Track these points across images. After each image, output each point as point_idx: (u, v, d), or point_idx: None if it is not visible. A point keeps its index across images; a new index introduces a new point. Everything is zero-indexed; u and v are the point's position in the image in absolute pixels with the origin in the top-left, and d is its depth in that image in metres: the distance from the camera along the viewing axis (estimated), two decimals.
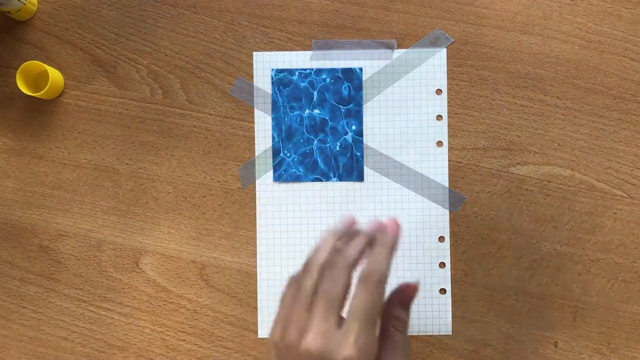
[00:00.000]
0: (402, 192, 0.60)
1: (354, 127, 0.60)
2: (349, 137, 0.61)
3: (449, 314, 0.60)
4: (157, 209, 0.61)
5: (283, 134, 0.60)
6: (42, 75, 0.61)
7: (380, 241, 0.46)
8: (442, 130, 0.60)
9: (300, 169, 0.60)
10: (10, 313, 0.60)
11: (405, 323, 0.47)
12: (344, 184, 0.60)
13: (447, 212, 0.60)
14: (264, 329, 0.60)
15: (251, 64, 0.61)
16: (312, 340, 0.43)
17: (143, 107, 0.61)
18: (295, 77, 0.61)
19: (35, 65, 0.58)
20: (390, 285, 0.45)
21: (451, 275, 0.60)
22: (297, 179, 0.60)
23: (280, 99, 0.61)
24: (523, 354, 0.59)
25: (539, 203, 0.60)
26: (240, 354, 0.60)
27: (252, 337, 0.60)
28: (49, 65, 0.59)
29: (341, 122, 0.60)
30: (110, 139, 0.61)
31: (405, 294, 0.47)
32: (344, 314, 0.44)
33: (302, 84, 0.61)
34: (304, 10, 0.61)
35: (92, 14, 0.61)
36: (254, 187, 0.60)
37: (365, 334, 0.43)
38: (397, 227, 0.47)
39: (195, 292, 0.60)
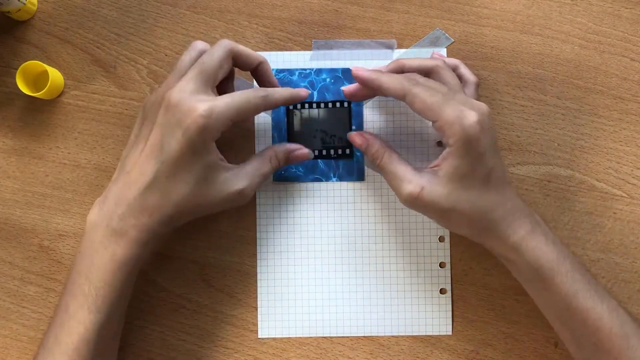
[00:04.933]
0: None
1: (354, 127, 0.60)
2: None
3: (449, 314, 0.60)
4: None
5: (283, 134, 0.60)
6: (42, 75, 0.61)
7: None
8: None
9: (300, 169, 0.60)
10: (10, 313, 0.60)
11: None
12: (344, 184, 0.60)
13: None
14: (264, 329, 0.60)
15: None
16: (173, 91, 0.47)
17: None
18: (295, 77, 0.61)
19: (35, 65, 0.58)
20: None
21: (451, 275, 0.60)
22: (297, 179, 0.60)
23: None
24: (523, 354, 0.59)
25: (539, 203, 0.60)
26: (240, 354, 0.60)
27: (252, 337, 0.60)
28: (49, 65, 0.59)
29: None
30: (110, 139, 0.61)
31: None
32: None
33: (302, 84, 0.60)
34: (304, 10, 0.61)
35: (92, 14, 0.61)
36: None
37: (193, 81, 0.48)
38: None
39: (195, 292, 0.60)
